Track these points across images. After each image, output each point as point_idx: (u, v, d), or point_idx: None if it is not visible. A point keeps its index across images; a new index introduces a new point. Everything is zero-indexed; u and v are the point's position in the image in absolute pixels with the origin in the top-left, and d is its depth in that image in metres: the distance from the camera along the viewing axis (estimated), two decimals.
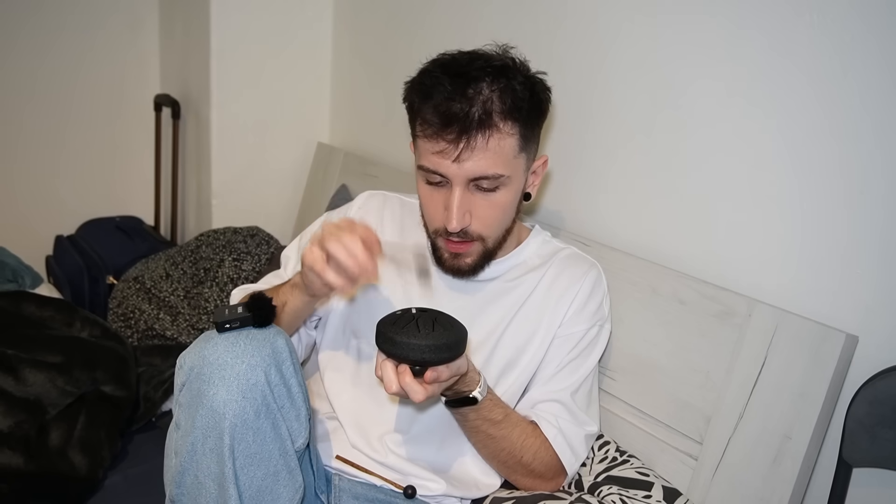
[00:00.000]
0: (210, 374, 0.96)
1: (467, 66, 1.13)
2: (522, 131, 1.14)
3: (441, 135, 1.11)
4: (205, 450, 0.96)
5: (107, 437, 1.50)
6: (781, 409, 1.13)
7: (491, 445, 1.19)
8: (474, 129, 1.09)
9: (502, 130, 1.12)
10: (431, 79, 1.13)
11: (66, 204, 2.62)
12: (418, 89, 1.16)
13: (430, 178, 1.17)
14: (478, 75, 1.11)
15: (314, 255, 1.04)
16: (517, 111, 1.12)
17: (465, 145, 1.10)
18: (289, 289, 1.19)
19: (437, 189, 1.18)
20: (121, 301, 2.08)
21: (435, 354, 0.97)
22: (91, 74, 2.57)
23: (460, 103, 1.10)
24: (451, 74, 1.12)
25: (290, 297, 1.18)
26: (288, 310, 1.19)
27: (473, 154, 1.11)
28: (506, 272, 1.30)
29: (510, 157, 1.14)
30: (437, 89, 1.11)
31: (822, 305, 1.17)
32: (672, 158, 1.40)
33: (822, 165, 1.17)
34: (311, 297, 1.16)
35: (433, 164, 1.14)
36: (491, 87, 1.11)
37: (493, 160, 1.12)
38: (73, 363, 1.54)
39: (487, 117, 1.10)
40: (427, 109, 1.13)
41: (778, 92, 1.22)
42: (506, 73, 1.13)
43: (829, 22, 1.14)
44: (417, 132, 1.17)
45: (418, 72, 1.18)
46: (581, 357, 1.27)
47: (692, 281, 1.29)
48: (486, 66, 1.12)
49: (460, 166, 1.12)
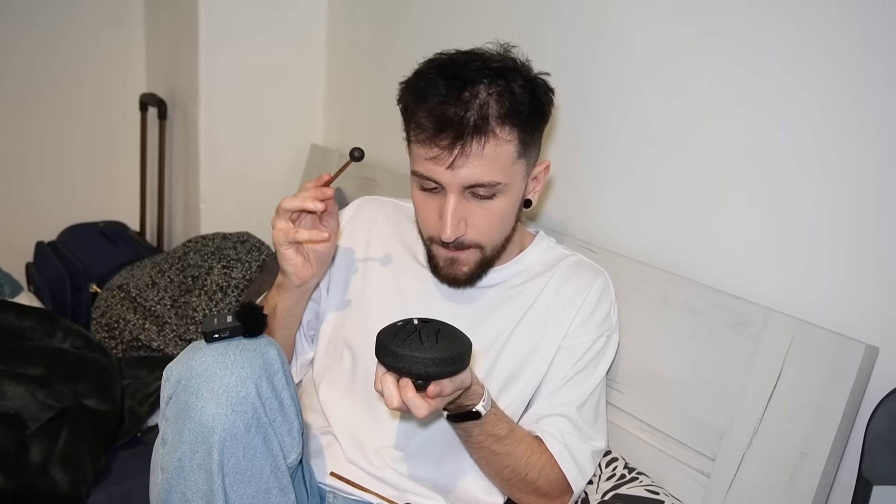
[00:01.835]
0: (198, 387, 0.96)
1: (464, 67, 1.13)
2: (521, 136, 1.14)
3: (434, 140, 1.11)
4: (192, 466, 0.97)
5: (90, 453, 1.50)
6: (798, 424, 1.13)
7: (494, 462, 1.19)
8: (469, 134, 1.10)
9: (499, 136, 1.12)
10: (426, 80, 1.13)
11: (46, 209, 2.62)
12: (412, 91, 1.16)
13: (425, 185, 1.18)
14: (474, 77, 1.11)
15: (280, 228, 1.16)
16: (516, 115, 1.12)
17: (459, 152, 1.10)
18: (275, 290, 1.25)
19: (431, 195, 1.19)
20: (104, 310, 2.09)
21: (439, 368, 0.97)
22: (72, 72, 2.57)
23: (455, 107, 1.10)
24: (446, 76, 1.12)
25: (279, 298, 1.24)
26: (280, 311, 1.25)
27: (468, 161, 1.11)
28: (507, 279, 1.31)
29: (508, 163, 1.14)
30: (432, 92, 1.12)
31: (841, 315, 1.17)
32: (682, 160, 1.41)
33: (841, 167, 1.17)
34: (298, 288, 1.23)
35: (427, 170, 1.14)
36: (488, 90, 1.11)
37: (489, 167, 1.12)
38: (55, 376, 1.54)
39: (483, 122, 1.10)
40: (421, 113, 1.13)
41: (795, 90, 1.22)
42: (504, 75, 1.13)
43: (849, 10, 1.15)
44: (411, 136, 1.17)
45: (413, 72, 1.18)
46: (587, 369, 1.27)
47: (704, 289, 1.30)
48: (484, 68, 1.12)
49: (455, 173, 1.12)
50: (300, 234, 1.15)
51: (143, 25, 2.68)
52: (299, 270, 1.21)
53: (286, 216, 1.17)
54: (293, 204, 1.15)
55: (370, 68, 2.31)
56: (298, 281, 1.22)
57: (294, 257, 1.20)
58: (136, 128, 2.67)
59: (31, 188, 2.60)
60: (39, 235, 2.56)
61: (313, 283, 1.27)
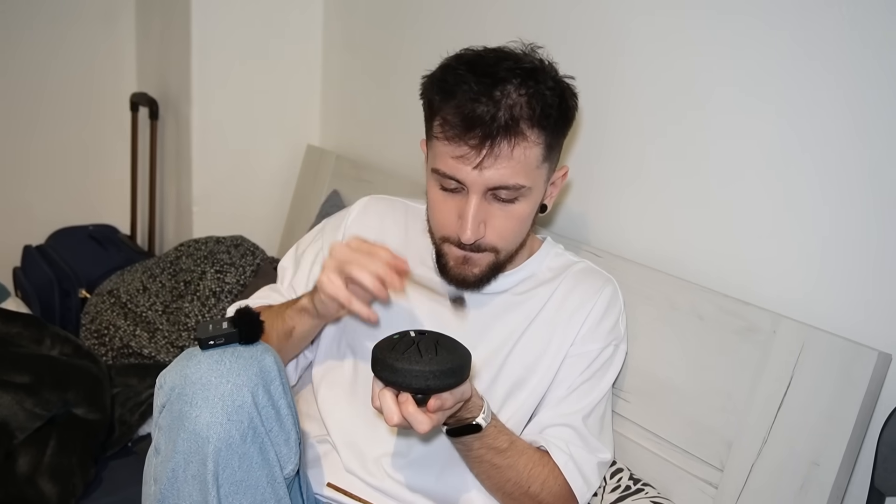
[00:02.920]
0: (192, 395, 0.96)
1: (495, 65, 1.13)
2: (548, 140, 1.15)
3: (463, 138, 1.11)
4: (186, 476, 0.97)
5: (79, 463, 1.50)
6: (809, 434, 1.13)
7: (496, 476, 1.19)
8: (500, 135, 1.10)
9: (529, 139, 1.12)
10: (455, 76, 1.13)
11: (34, 211, 2.62)
12: (439, 86, 1.15)
13: (446, 184, 1.17)
14: (506, 76, 1.11)
15: (335, 286, 1.08)
16: (546, 119, 1.12)
17: (488, 152, 1.10)
18: (296, 314, 1.20)
19: (451, 195, 1.18)
20: (94, 316, 2.09)
21: (440, 380, 0.97)
22: (61, 70, 2.57)
23: (486, 105, 1.09)
24: (476, 73, 1.12)
25: (298, 322, 1.20)
26: (297, 335, 1.21)
27: (496, 162, 1.11)
28: (515, 285, 1.31)
29: (533, 167, 1.15)
30: (461, 88, 1.11)
31: (853, 321, 1.17)
32: (690, 163, 1.41)
33: (853, 171, 1.18)
34: (321, 320, 1.19)
35: (451, 168, 1.14)
36: (519, 91, 1.11)
37: (515, 170, 1.12)
38: (43, 384, 1.54)
39: (514, 124, 1.10)
40: (448, 109, 1.13)
41: (805, 95, 1.23)
42: (535, 76, 1.13)
43: (860, 17, 1.15)
44: (435, 133, 1.17)
45: (439, 67, 1.18)
46: (594, 379, 1.28)
47: (712, 294, 1.30)
48: (516, 68, 1.12)
49: (481, 174, 1.12)
50: (354, 306, 1.08)
51: (133, 22, 2.68)
52: (335, 314, 1.17)
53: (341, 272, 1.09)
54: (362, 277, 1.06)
55: (368, 66, 2.30)
56: (330, 317, 1.20)
57: (334, 306, 1.12)
58: (127, 128, 2.67)
59: (19, 190, 2.60)
60: (27, 239, 2.56)
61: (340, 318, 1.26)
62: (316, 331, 1.25)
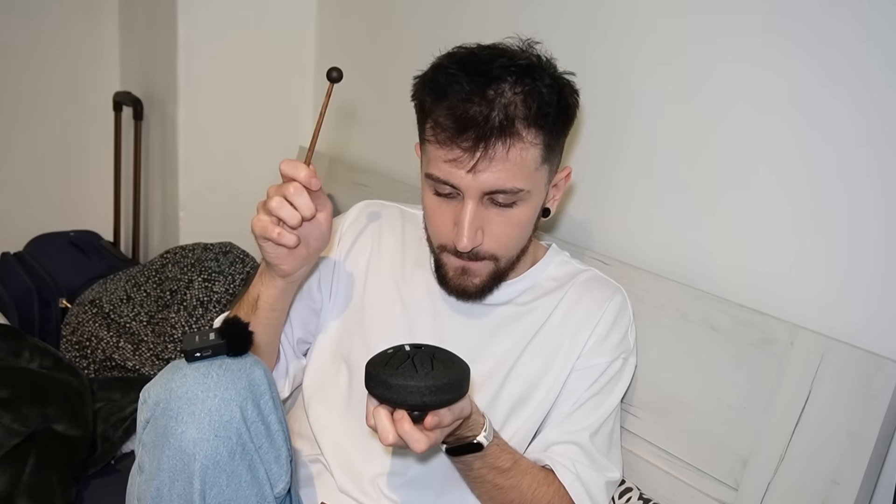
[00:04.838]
0: (178, 410, 0.97)
1: (488, 63, 1.13)
2: (547, 141, 1.15)
3: (455, 141, 1.11)
4: (172, 495, 0.97)
5: (59, 481, 1.50)
6: (828, 450, 1.13)
7: (498, 497, 1.19)
8: (494, 136, 1.10)
9: (525, 139, 1.12)
10: (447, 76, 1.13)
11: (12, 217, 2.62)
12: (431, 87, 1.16)
13: (440, 189, 1.18)
14: (500, 74, 1.11)
15: (262, 223, 1.09)
16: (543, 118, 1.13)
17: (482, 154, 1.11)
18: (258, 278, 1.20)
19: (446, 201, 1.19)
20: (75, 327, 2.09)
21: (437, 396, 0.97)
22: (40, 69, 2.57)
23: (479, 106, 1.10)
24: (469, 72, 1.12)
25: (262, 287, 1.19)
26: (263, 303, 1.19)
27: (491, 164, 1.11)
28: (518, 295, 1.31)
29: (531, 169, 1.15)
30: (453, 88, 1.12)
31: (874, 332, 1.17)
32: (702, 167, 1.41)
33: (873, 176, 1.18)
34: (283, 279, 1.17)
35: (444, 173, 1.15)
36: (514, 90, 1.11)
37: (512, 172, 1.13)
38: (21, 398, 1.54)
39: (509, 124, 1.10)
40: (440, 111, 1.13)
41: (821, 96, 1.23)
42: (531, 73, 1.13)
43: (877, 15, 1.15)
44: (427, 136, 1.17)
45: (431, 66, 1.19)
46: (602, 394, 1.28)
47: (726, 304, 1.31)
48: (510, 65, 1.12)
49: (475, 178, 1.12)
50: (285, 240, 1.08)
51: (117, 17, 2.68)
52: (283, 260, 1.13)
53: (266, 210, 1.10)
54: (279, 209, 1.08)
55: (363, 66, 2.30)
56: (282, 273, 1.16)
57: (274, 248, 1.11)
58: (110, 129, 2.66)
59: None
60: (4, 246, 2.55)
61: (301, 275, 1.20)
62: (286, 297, 1.22)
